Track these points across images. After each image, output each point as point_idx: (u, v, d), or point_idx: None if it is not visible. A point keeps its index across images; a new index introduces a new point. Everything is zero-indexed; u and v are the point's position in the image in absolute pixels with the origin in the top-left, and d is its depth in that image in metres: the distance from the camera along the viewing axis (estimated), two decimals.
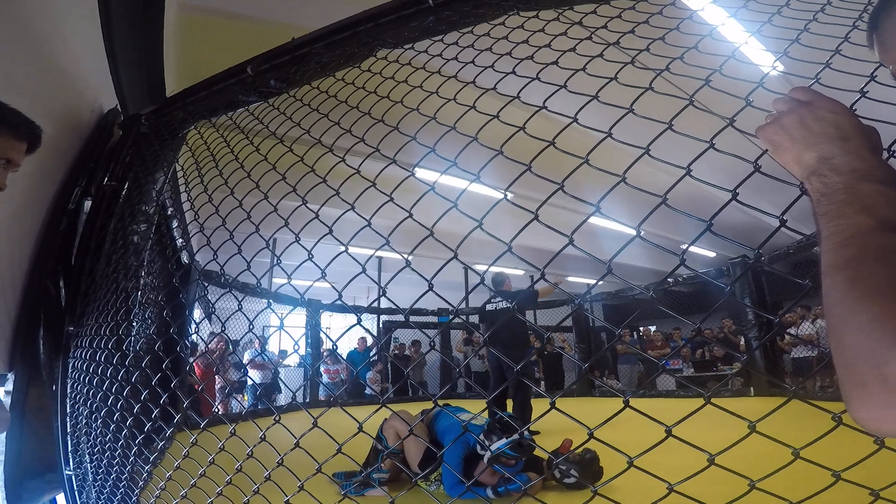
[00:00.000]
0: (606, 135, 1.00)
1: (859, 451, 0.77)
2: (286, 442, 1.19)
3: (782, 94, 0.64)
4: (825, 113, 0.57)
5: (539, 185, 0.97)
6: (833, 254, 0.47)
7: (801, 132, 0.57)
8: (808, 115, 0.58)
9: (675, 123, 0.92)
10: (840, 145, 0.54)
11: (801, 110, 0.59)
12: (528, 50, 1.37)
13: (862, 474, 0.75)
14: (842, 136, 0.54)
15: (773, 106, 0.64)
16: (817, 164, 0.54)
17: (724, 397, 7.21)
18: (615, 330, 0.92)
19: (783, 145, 0.59)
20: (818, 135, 0.56)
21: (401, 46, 1.75)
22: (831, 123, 0.56)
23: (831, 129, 0.55)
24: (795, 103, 0.61)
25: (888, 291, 0.41)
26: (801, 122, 0.58)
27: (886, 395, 0.38)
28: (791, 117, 0.59)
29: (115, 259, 1.99)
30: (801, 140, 0.57)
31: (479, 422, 2.86)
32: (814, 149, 0.55)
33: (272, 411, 1.37)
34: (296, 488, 1.14)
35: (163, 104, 2.22)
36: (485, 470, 2.61)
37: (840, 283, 0.45)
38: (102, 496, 1.72)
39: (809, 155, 0.56)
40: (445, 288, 2.02)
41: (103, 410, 1.69)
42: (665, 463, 0.77)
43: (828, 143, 0.55)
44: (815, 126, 0.57)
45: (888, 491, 0.74)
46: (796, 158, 0.58)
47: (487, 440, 2.58)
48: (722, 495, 0.79)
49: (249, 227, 1.47)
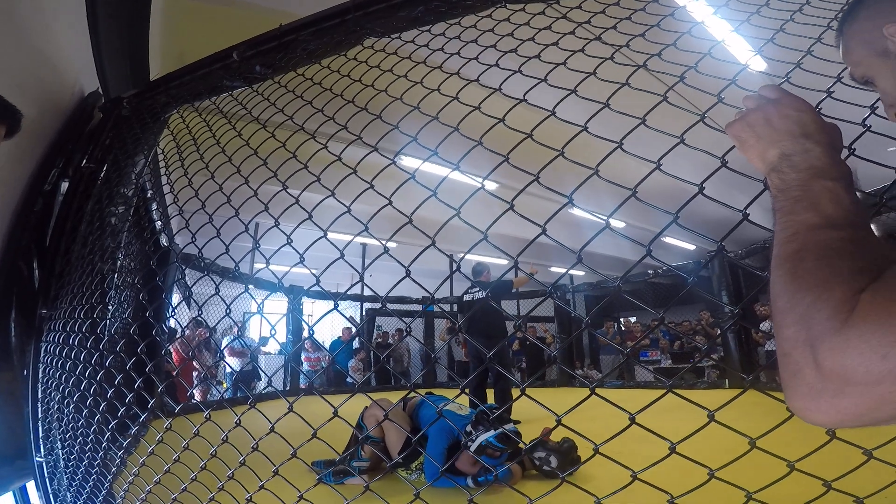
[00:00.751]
0: (582, 128, 1.01)
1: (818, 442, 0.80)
2: (265, 429, 1.20)
3: (751, 92, 0.66)
4: (790, 111, 0.59)
5: (523, 177, 0.98)
6: (780, 248, 0.49)
7: (766, 129, 0.59)
8: (774, 112, 0.59)
9: (659, 118, 0.93)
10: (801, 143, 0.55)
11: (767, 108, 0.60)
12: (514, 43, 1.37)
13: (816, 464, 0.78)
14: (803, 134, 0.56)
15: (743, 103, 0.66)
16: (778, 161, 0.56)
17: (700, 389, 7.38)
18: (583, 319, 0.94)
19: (748, 142, 0.61)
20: (781, 132, 0.57)
21: (388, 36, 1.74)
22: (795, 121, 0.57)
23: (794, 126, 0.57)
24: (763, 100, 0.62)
25: (822, 284, 0.43)
26: (766, 120, 0.59)
27: (818, 383, 0.40)
28: (757, 114, 0.61)
29: (92, 241, 1.96)
30: (766, 137, 0.59)
31: (464, 412, 2.88)
32: (776, 146, 0.57)
33: (261, 398, 1.37)
34: (271, 474, 1.15)
35: (145, 88, 2.19)
36: (462, 460, 2.64)
37: (782, 276, 0.47)
38: (74, 483, 1.70)
39: (772, 152, 0.57)
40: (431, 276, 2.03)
41: (76, 395, 1.67)
42: (640, 452, 0.79)
43: (790, 140, 0.56)
44: (779, 123, 0.58)
45: (840, 482, 0.77)
46: (760, 155, 0.59)
47: (475, 431, 2.60)
48: (689, 484, 0.82)
49: (230, 211, 1.46)
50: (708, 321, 9.32)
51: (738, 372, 6.84)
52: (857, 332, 0.38)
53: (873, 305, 0.38)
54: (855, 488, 0.78)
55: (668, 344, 9.96)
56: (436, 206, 1.08)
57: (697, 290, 0.97)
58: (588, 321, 0.94)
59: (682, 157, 0.88)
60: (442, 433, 2.65)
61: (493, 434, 2.53)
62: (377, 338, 11.59)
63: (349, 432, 3.00)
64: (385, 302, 1.13)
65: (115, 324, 2.09)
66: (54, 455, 1.80)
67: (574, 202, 0.90)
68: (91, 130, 2.18)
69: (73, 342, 1.74)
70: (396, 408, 3.08)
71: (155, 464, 1.44)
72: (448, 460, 2.59)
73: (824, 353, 0.39)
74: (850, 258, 0.44)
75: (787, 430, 0.75)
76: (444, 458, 2.61)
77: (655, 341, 10.01)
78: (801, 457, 0.78)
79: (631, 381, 8.85)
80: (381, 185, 1.19)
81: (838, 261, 0.44)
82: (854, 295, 0.40)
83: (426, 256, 1.17)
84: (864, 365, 0.37)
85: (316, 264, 1.19)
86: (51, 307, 1.88)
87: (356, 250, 12.09)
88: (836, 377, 0.38)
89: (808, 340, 0.41)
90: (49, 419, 1.82)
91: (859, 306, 0.39)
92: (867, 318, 0.38)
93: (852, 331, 0.38)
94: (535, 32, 1.35)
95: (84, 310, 1.78)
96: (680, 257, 14.08)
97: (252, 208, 1.44)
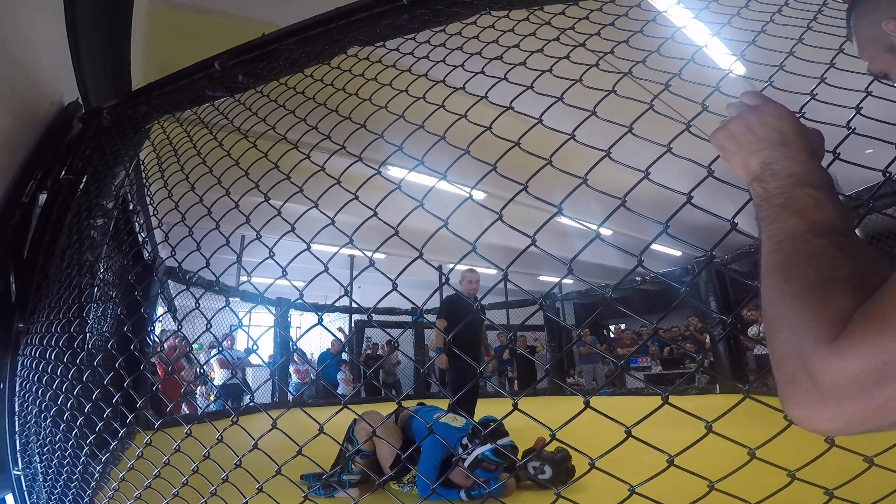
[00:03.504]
0: (570, 136, 1.00)
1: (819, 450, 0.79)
2: (249, 444, 1.17)
3: (734, 98, 0.65)
4: (769, 118, 0.59)
5: (511, 187, 0.98)
6: (768, 256, 0.49)
7: (748, 137, 0.59)
8: (755, 120, 0.59)
9: (643, 125, 0.93)
10: (782, 151, 0.55)
11: (748, 116, 0.60)
12: (498, 50, 1.37)
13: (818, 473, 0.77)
14: (783, 142, 0.56)
15: (726, 110, 0.66)
16: (760, 170, 0.56)
17: (691, 395, 7.40)
18: (573, 329, 0.92)
19: (731, 150, 0.61)
20: (762, 140, 0.57)
21: (372, 44, 1.74)
22: (775, 129, 0.57)
23: (775, 134, 0.57)
24: (744, 108, 0.62)
25: (813, 292, 0.43)
26: (748, 128, 0.59)
27: (814, 391, 0.39)
28: (738, 123, 0.61)
29: (70, 254, 1.91)
30: (747, 145, 0.59)
31: (458, 423, 2.84)
32: (758, 154, 0.57)
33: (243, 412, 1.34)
34: (255, 491, 1.11)
35: (125, 98, 2.16)
36: (456, 472, 2.60)
37: (772, 284, 0.47)
38: (53, 496, 1.66)
39: (754, 160, 0.57)
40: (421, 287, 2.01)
41: (53, 409, 1.62)
42: (636, 461, 0.78)
43: (770, 148, 0.56)
44: (760, 131, 0.58)
45: (842, 490, 0.76)
46: (743, 164, 0.59)
47: (471, 444, 2.56)
48: (687, 493, 0.80)
49: (212, 224, 1.43)
50: (696, 327, 9.40)
51: (728, 378, 6.87)
52: (854, 341, 0.37)
53: (869, 314, 0.38)
54: (855, 495, 0.77)
55: (658, 350, 10.02)
56: (424, 217, 1.07)
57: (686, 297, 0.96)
58: (579, 333, 0.92)
59: (668, 163, 0.88)
60: (436, 446, 2.60)
61: (488, 448, 2.49)
62: (366, 349, 11.50)
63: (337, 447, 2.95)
64: (371, 314, 1.11)
65: (94, 338, 2.05)
66: (32, 468, 1.76)
67: (563, 212, 0.90)
68: (70, 141, 2.13)
69: (50, 356, 1.69)
70: (388, 421, 3.04)
71: (136, 479, 1.40)
72: (441, 474, 2.55)
73: (820, 362, 0.39)
74: (839, 265, 0.44)
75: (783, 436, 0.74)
76: (437, 471, 2.57)
77: (645, 348, 10.06)
78: (802, 465, 0.77)
79: (622, 388, 8.86)
80: (369, 196, 1.17)
81: (828, 269, 0.44)
82: (846, 303, 0.40)
83: (415, 268, 1.15)
84: (862, 373, 0.36)
85: (303, 276, 1.17)
86: (28, 321, 1.83)
87: (345, 262, 12.03)
88: (833, 386, 0.38)
89: (802, 350, 0.41)
90: (26, 432, 1.78)
91: (856, 316, 0.39)
92: (864, 327, 0.37)
93: (848, 340, 0.38)
94: (519, 39, 1.34)
95: (61, 324, 1.74)
96: (666, 263, 14.19)
97: (235, 220, 1.41)
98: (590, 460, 0.84)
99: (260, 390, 9.07)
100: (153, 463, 1.31)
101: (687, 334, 9.54)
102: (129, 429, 1.47)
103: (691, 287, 7.57)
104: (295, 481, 1.15)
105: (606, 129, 0.95)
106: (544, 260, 13.82)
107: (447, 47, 1.51)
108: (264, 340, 10.35)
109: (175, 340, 6.62)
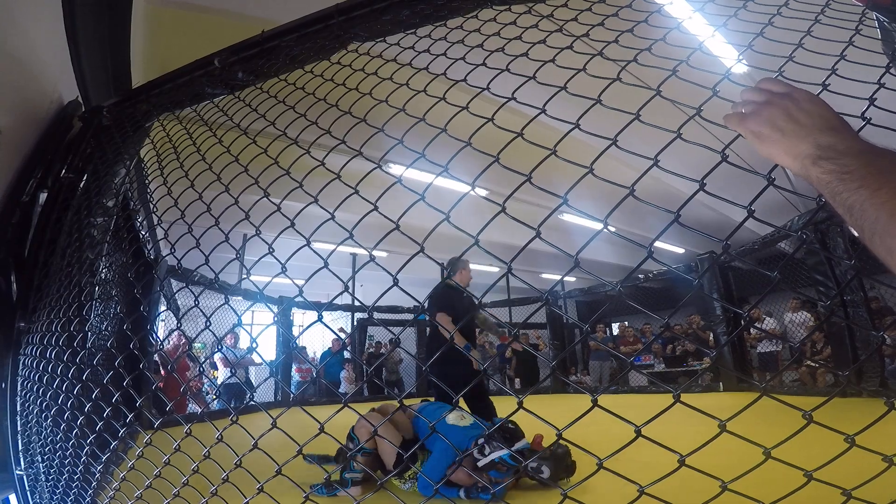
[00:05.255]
0: (574, 126, 0.99)
1: (830, 449, 0.77)
2: (250, 444, 1.16)
3: (747, 86, 0.64)
4: (808, 105, 0.60)
5: (514, 183, 0.96)
6: None
7: (791, 125, 0.60)
8: (794, 107, 0.61)
9: (646, 118, 0.91)
10: (834, 134, 0.57)
11: (783, 102, 0.61)
12: (500, 42, 1.35)
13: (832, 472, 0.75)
14: (831, 127, 0.58)
15: (742, 97, 0.65)
16: (819, 151, 0.56)
17: (694, 392, 7.38)
18: (582, 326, 0.91)
19: (772, 137, 0.61)
20: (808, 126, 0.59)
21: (373, 39, 1.73)
22: (818, 115, 0.59)
23: (819, 120, 0.59)
24: (772, 95, 0.63)
25: None
26: (788, 115, 0.60)
27: None
28: (775, 110, 0.62)
29: (70, 253, 1.90)
30: (792, 132, 0.59)
31: (466, 422, 2.79)
32: (807, 140, 0.58)
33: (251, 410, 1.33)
34: (256, 492, 1.10)
35: (125, 96, 2.16)
36: (458, 472, 2.58)
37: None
38: (56, 496, 1.66)
39: (804, 145, 0.58)
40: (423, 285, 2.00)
41: (54, 409, 1.62)
42: (638, 459, 0.76)
43: (819, 133, 0.57)
44: (803, 118, 0.59)
45: (860, 490, 0.74)
46: (788, 150, 0.60)
47: (488, 446, 2.51)
48: (695, 492, 0.78)
49: (212, 221, 1.42)
50: (699, 324, 9.36)
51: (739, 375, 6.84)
52: None
53: None
54: (874, 496, 0.75)
55: (661, 348, 9.99)
56: (426, 214, 1.06)
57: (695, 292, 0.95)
58: (587, 329, 0.91)
59: (674, 156, 0.86)
60: (448, 451, 2.55)
61: (506, 453, 2.45)
62: (369, 348, 11.50)
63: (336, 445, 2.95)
64: (372, 312, 1.09)
65: (95, 337, 2.04)
66: (35, 468, 1.76)
67: (569, 203, 0.88)
68: (70, 140, 2.13)
69: (51, 355, 1.69)
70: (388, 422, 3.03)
71: (137, 479, 1.39)
72: (446, 475, 2.53)
73: None
74: None
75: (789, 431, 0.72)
76: (443, 474, 2.55)
77: (648, 346, 10.03)
78: (819, 466, 0.75)
79: (625, 385, 8.84)
80: (369, 194, 1.16)
81: None
82: None
83: (419, 266, 1.14)
84: None
85: (305, 274, 1.15)
86: (29, 320, 1.82)
87: (347, 261, 12.03)
88: None
89: None
90: (28, 432, 1.78)
91: None
92: None
93: None
94: (521, 31, 1.33)
95: (62, 323, 1.73)
96: (670, 261, 14.16)
97: (235, 217, 1.40)
98: (598, 461, 0.83)
99: (263, 390, 9.06)
100: (154, 463, 1.30)
101: (690, 332, 9.51)
102: (130, 428, 1.47)
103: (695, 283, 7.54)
104: (295, 481, 1.14)
105: (609, 122, 0.93)
106: (546, 257, 13.80)
107: (448, 41, 1.50)
108: (266, 339, 10.35)
109: (178, 339, 6.63)
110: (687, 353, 9.51)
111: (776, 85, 0.64)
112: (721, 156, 0.81)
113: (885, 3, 1.26)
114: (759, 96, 0.64)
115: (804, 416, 0.73)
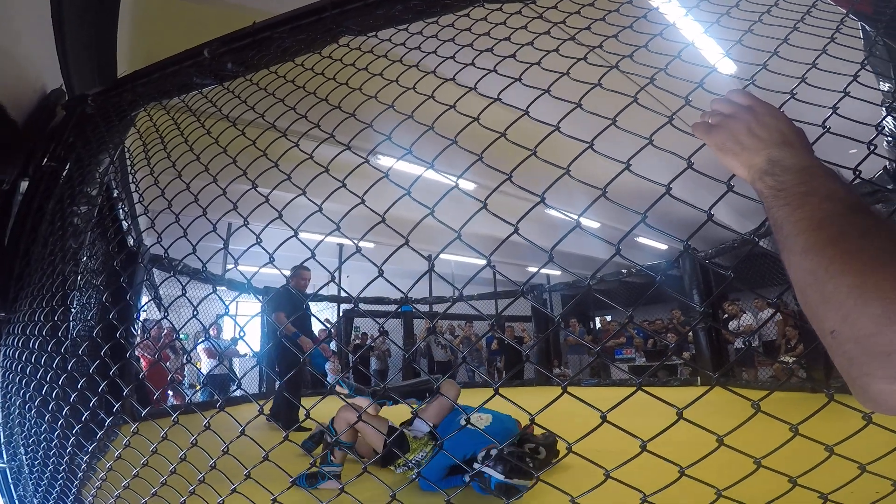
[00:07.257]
0: (554, 128, 1.02)
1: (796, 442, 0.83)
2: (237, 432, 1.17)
3: (719, 95, 0.67)
4: (767, 119, 0.63)
5: (500, 177, 0.99)
6: (809, 237, 0.49)
7: (750, 139, 0.63)
8: (754, 122, 0.63)
9: (629, 119, 0.95)
10: (786, 149, 0.59)
11: (745, 116, 0.64)
12: (490, 42, 1.37)
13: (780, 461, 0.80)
14: (786, 142, 0.60)
15: (711, 105, 0.68)
16: (768, 166, 0.59)
17: (673, 386, 7.53)
18: (554, 318, 0.94)
19: (732, 150, 0.64)
20: (765, 141, 0.61)
21: (365, 34, 1.72)
22: (776, 130, 0.62)
23: (776, 135, 0.61)
24: (737, 107, 0.66)
25: (880, 260, 0.42)
26: (749, 130, 0.63)
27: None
28: (737, 124, 0.64)
29: (53, 241, 1.88)
30: (750, 146, 0.62)
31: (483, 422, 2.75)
32: (761, 153, 0.60)
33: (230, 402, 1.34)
34: (243, 478, 1.12)
35: (111, 85, 2.12)
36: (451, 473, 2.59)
37: (828, 259, 0.46)
38: (40, 488, 1.65)
39: (758, 159, 0.60)
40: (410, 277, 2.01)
41: (37, 400, 1.61)
42: (614, 449, 0.80)
43: (775, 147, 0.60)
44: (761, 133, 0.62)
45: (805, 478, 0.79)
46: (745, 162, 0.62)
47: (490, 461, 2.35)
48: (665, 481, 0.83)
49: (199, 211, 1.42)
50: (679, 319, 9.53)
51: (708, 370, 7.00)
52: None
53: None
54: (820, 485, 0.80)
55: (643, 342, 10.15)
56: (412, 207, 1.07)
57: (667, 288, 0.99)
58: (559, 320, 0.95)
59: (655, 156, 0.90)
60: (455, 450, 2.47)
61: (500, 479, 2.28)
62: (355, 339, 11.49)
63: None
64: (358, 302, 1.11)
65: (78, 327, 2.02)
66: (17, 460, 1.74)
67: (546, 201, 0.91)
68: (53, 128, 2.10)
69: (34, 346, 1.67)
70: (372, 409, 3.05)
71: (124, 469, 1.40)
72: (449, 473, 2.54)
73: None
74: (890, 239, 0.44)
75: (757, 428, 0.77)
76: (445, 472, 2.55)
77: (630, 340, 10.19)
78: (766, 454, 0.81)
79: (607, 379, 8.98)
80: (357, 186, 1.17)
81: (886, 241, 0.44)
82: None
83: (405, 257, 1.16)
84: None
85: (291, 265, 1.16)
86: (9, 310, 1.80)
87: (333, 251, 11.97)
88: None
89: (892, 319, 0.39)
90: (10, 424, 1.76)
91: None
92: None
93: None
94: (510, 32, 1.35)
95: (44, 312, 1.72)
96: (652, 256, 14.35)
97: (223, 207, 1.40)
98: (567, 444, 0.88)
99: (248, 381, 9.01)
100: (141, 452, 1.31)
101: (670, 326, 9.68)
102: (116, 419, 1.47)
103: (674, 280, 7.67)
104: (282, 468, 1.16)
105: (591, 123, 0.97)
106: (531, 251, 13.89)
107: (439, 38, 1.51)
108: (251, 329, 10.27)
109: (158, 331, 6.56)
110: (667, 348, 9.66)
111: (742, 97, 0.67)
112: (687, 162, 0.85)
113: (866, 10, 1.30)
114: (725, 108, 0.67)
115: (753, 405, 0.79)
